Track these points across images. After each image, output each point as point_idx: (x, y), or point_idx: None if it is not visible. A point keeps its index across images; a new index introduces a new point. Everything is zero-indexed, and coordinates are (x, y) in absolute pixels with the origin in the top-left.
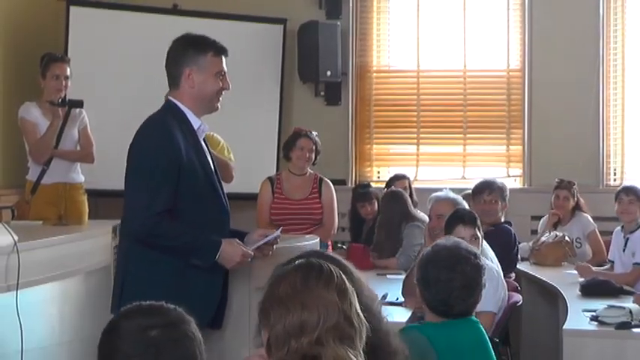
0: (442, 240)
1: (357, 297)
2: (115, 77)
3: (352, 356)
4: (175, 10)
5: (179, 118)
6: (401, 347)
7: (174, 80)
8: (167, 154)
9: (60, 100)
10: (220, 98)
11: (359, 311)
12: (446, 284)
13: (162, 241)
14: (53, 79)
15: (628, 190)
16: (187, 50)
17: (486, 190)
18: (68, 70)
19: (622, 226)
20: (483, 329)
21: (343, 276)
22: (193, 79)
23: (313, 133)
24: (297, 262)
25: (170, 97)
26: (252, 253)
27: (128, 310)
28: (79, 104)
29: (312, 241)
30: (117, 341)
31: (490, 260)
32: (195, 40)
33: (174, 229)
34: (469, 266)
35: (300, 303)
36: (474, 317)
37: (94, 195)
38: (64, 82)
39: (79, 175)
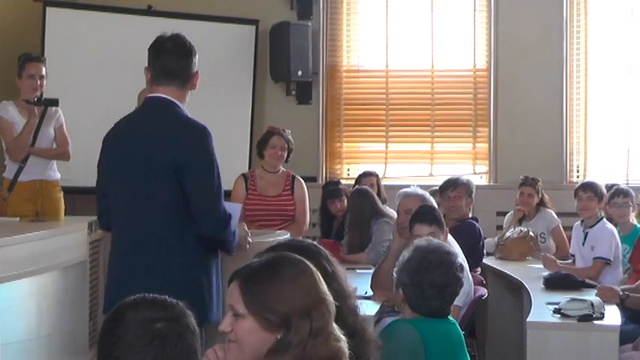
0: (422, 242)
1: (341, 284)
2: (90, 76)
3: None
4: (150, 11)
5: None
6: (375, 336)
7: (184, 80)
8: None
9: (36, 99)
10: None
11: None
12: (441, 290)
13: (225, 237)
14: (29, 79)
15: (585, 187)
16: (195, 53)
17: (451, 187)
18: (44, 69)
19: (582, 221)
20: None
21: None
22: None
23: (287, 131)
24: (276, 258)
25: (168, 97)
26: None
27: (134, 301)
28: (55, 103)
29: (282, 237)
30: (122, 330)
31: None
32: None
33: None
34: (457, 269)
35: (311, 311)
36: (451, 317)
37: (71, 192)
38: (39, 82)
39: (55, 172)
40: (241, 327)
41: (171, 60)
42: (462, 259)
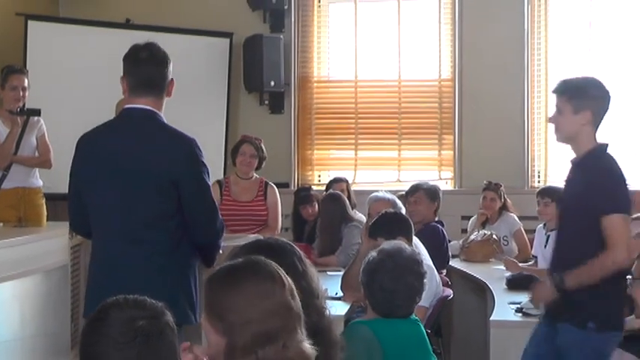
0: (386, 245)
1: (309, 283)
2: (71, 87)
3: (309, 346)
4: (128, 25)
5: None
6: (340, 337)
7: (162, 89)
8: None
9: (18, 110)
10: None
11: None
12: (390, 294)
13: (219, 245)
14: (12, 90)
15: (543, 193)
16: (170, 60)
17: (410, 193)
18: (26, 81)
19: (544, 224)
20: (423, 327)
21: (281, 270)
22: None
23: (259, 140)
24: (243, 266)
25: (149, 107)
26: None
27: (116, 301)
28: (37, 113)
29: None
30: (106, 328)
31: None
32: None
33: None
34: (412, 276)
35: (263, 312)
36: (414, 316)
37: (52, 198)
38: (22, 93)
39: (37, 180)
40: (203, 324)
41: (149, 70)
42: (427, 265)
